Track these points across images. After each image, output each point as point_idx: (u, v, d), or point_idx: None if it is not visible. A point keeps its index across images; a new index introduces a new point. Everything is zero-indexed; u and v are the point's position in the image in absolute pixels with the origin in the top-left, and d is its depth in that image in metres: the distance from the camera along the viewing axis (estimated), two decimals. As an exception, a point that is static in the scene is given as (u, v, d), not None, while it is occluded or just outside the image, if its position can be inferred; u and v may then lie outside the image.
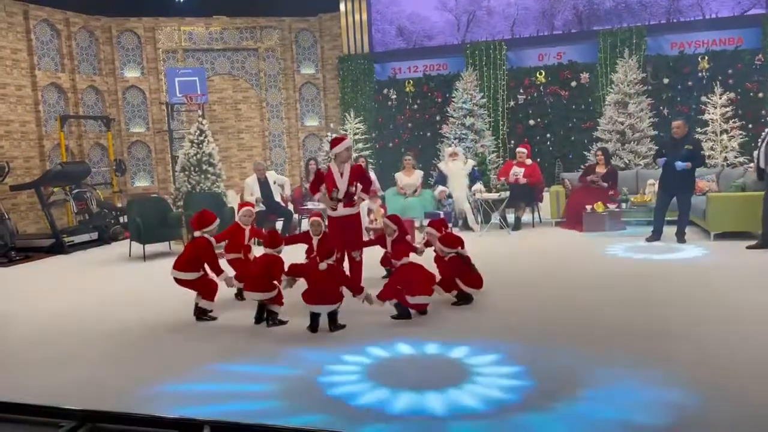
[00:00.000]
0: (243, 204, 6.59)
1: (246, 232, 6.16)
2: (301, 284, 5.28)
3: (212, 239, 5.65)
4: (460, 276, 5.70)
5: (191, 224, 5.80)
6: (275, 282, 5.30)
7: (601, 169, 9.78)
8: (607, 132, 11.24)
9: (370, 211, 8.66)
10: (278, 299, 5.33)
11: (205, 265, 5.60)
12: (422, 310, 5.39)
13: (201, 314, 5.61)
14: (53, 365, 4.63)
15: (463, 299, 5.71)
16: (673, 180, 7.98)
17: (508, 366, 4.13)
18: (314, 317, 5.10)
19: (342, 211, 5.99)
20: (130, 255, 9.17)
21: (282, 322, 5.32)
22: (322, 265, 5.08)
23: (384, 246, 6.36)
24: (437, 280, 5.67)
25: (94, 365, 4.61)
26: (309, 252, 5.81)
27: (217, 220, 5.73)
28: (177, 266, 5.59)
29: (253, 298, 5.35)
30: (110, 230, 11.03)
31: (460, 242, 5.83)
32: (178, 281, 5.62)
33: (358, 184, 6.16)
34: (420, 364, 4.31)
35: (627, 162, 10.84)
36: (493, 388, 3.77)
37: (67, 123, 12.51)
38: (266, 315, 5.36)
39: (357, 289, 5.32)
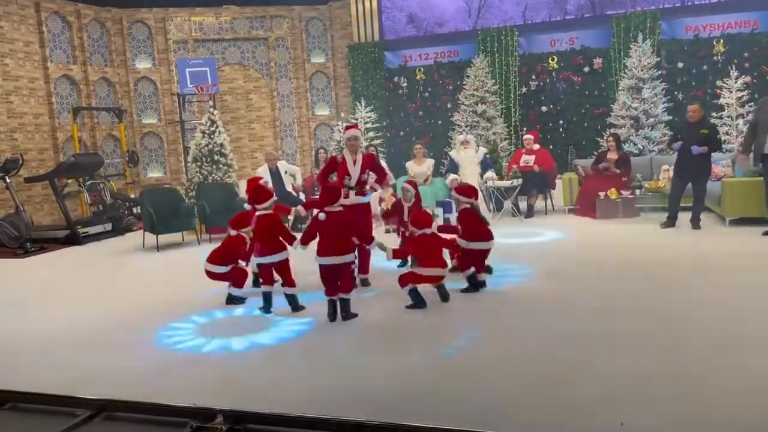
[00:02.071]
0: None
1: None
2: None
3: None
4: (472, 230, 5.72)
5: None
6: (282, 240, 5.40)
7: (612, 155, 9.67)
8: (620, 118, 11.12)
9: (381, 199, 8.65)
10: (289, 278, 5.42)
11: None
12: (438, 284, 5.38)
13: (231, 300, 5.78)
14: (68, 354, 4.68)
15: (473, 286, 5.70)
16: (689, 165, 7.88)
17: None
18: (332, 304, 5.13)
19: (353, 199, 5.97)
20: (143, 246, 9.23)
21: (299, 308, 5.42)
22: (321, 215, 5.13)
23: (400, 218, 6.37)
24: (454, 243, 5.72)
25: (109, 355, 4.65)
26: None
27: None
28: (211, 260, 5.81)
29: (265, 262, 5.42)
30: (124, 221, 11.11)
31: (474, 192, 5.93)
32: (210, 274, 5.81)
33: (371, 173, 6.17)
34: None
35: (641, 148, 10.73)
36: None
37: (80, 115, 12.59)
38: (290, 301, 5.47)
39: (367, 239, 5.43)
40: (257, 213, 5.51)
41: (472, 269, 5.71)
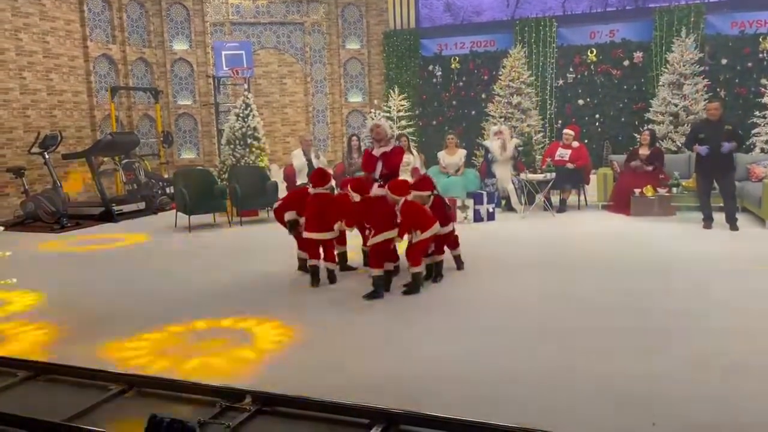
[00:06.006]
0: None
1: None
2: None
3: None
4: (440, 217, 5.81)
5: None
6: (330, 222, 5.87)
7: (644, 151, 9.50)
8: (659, 114, 10.87)
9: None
10: (332, 255, 5.86)
11: None
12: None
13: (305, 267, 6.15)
14: (98, 329, 4.76)
15: (439, 275, 5.93)
16: (712, 162, 7.69)
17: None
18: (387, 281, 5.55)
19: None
20: (176, 225, 9.36)
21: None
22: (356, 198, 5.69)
23: None
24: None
25: (137, 331, 4.72)
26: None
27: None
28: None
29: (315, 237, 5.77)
30: (157, 200, 11.28)
31: (432, 183, 5.97)
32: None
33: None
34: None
35: (679, 145, 10.47)
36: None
37: (118, 94, 12.76)
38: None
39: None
40: (314, 191, 5.93)
41: (442, 257, 5.97)
